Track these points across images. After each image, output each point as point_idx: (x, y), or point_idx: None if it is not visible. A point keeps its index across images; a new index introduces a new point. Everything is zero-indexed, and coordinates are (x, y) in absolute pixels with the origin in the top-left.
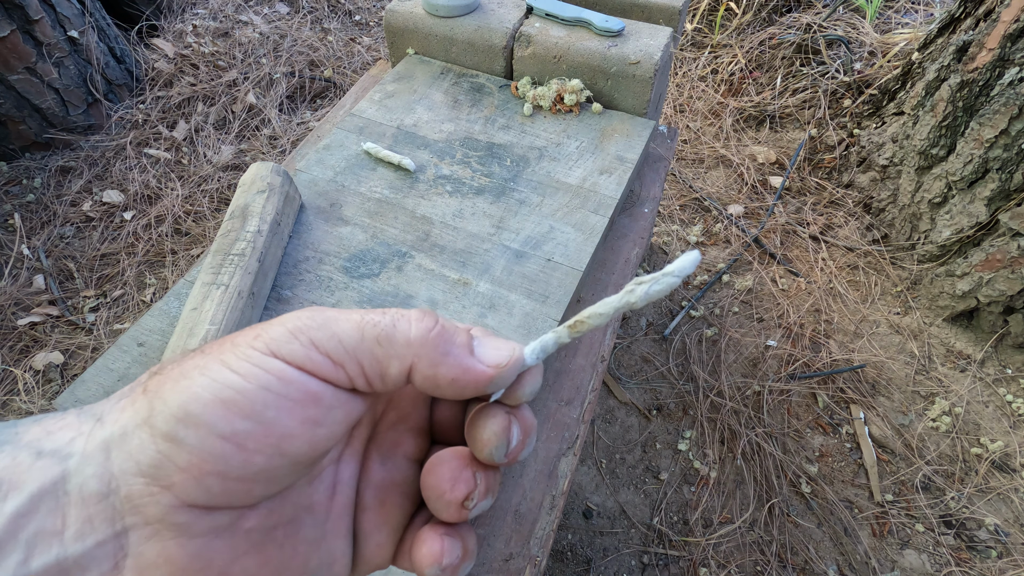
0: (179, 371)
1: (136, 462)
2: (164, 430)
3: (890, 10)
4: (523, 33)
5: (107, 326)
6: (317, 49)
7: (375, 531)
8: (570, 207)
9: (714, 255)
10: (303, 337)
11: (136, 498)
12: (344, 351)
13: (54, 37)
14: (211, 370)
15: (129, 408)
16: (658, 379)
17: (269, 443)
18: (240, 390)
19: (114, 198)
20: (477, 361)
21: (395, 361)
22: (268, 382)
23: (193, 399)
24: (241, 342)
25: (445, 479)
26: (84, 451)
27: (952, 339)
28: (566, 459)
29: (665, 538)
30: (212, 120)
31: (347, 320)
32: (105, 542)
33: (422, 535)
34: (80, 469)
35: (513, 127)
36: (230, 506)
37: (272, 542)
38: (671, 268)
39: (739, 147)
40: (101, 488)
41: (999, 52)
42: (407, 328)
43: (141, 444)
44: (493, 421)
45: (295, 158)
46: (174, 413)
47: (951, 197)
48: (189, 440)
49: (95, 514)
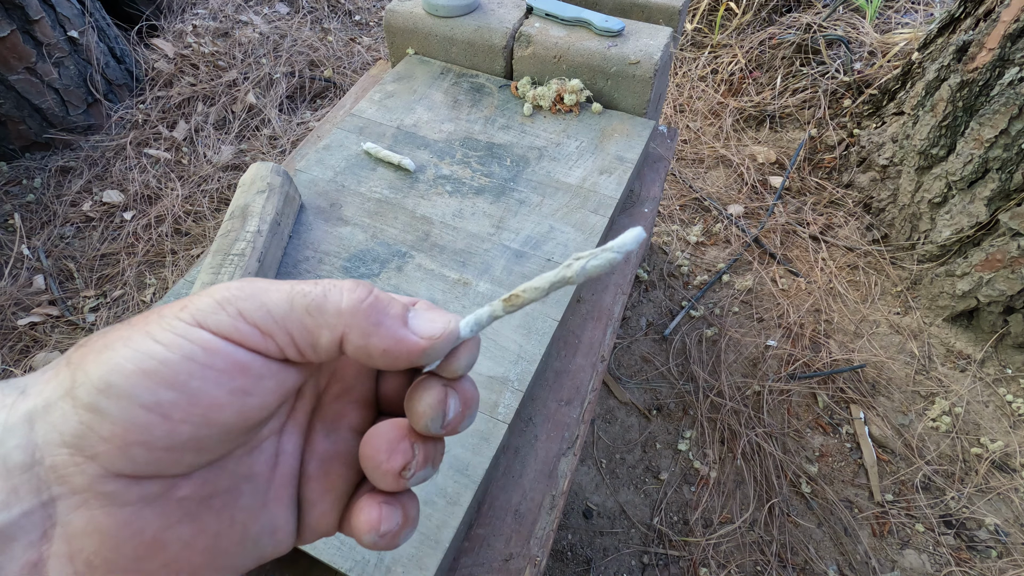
0: (103, 343)
1: (59, 432)
2: (86, 401)
3: (890, 10)
4: (523, 33)
5: (107, 326)
6: (317, 49)
7: (319, 500)
8: (570, 207)
9: (714, 255)
10: (230, 308)
11: (61, 468)
12: (273, 321)
13: (54, 37)
14: (135, 341)
15: (53, 380)
16: (658, 379)
17: (195, 413)
18: (163, 360)
19: (114, 198)
20: (410, 332)
21: (325, 331)
22: (192, 352)
23: (114, 370)
24: (167, 313)
25: (382, 450)
26: (6, 423)
27: (952, 339)
28: (566, 459)
29: (665, 538)
30: (212, 120)
31: (277, 291)
32: (31, 512)
33: (361, 503)
34: (3, 441)
35: (513, 127)
36: (160, 475)
37: (208, 510)
38: (612, 244)
39: (739, 147)
40: (25, 459)
41: (999, 52)
42: (338, 298)
43: (63, 415)
44: (429, 393)
45: (295, 158)
46: (95, 384)
47: (951, 197)
48: (111, 410)
49: (20, 484)
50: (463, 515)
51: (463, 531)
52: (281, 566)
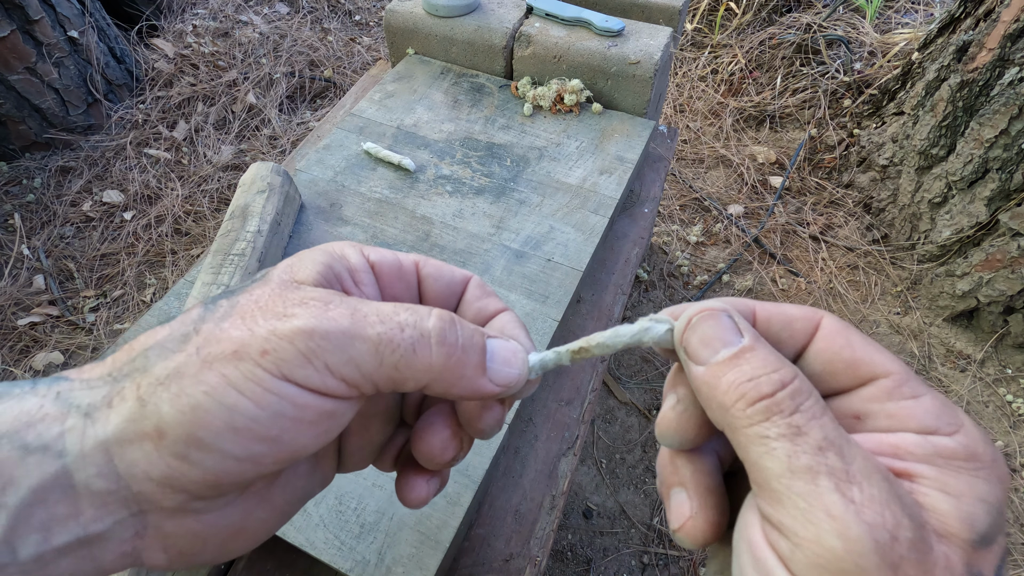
0: (166, 370)
1: (144, 471)
2: (174, 450)
3: (890, 10)
4: (523, 33)
5: (107, 326)
6: (317, 49)
7: (357, 450)
8: (570, 207)
9: (714, 255)
10: (318, 362)
11: (149, 495)
12: (361, 376)
13: (54, 37)
14: (213, 387)
15: (119, 407)
16: (658, 379)
17: (284, 457)
18: (254, 418)
19: (114, 198)
20: (487, 382)
21: (411, 383)
22: (283, 408)
23: (201, 426)
24: (244, 355)
25: (436, 447)
26: (81, 451)
27: (952, 339)
28: (566, 459)
29: (665, 538)
30: (212, 120)
31: (364, 341)
32: (124, 520)
33: (411, 483)
34: (81, 467)
35: (513, 127)
36: (241, 491)
37: (275, 488)
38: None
39: (739, 147)
40: (109, 486)
41: (999, 52)
42: (427, 354)
43: (148, 458)
44: (490, 415)
45: (295, 158)
46: (182, 437)
47: (951, 197)
48: (203, 462)
49: (109, 503)
50: (463, 515)
51: (463, 531)
52: (281, 566)
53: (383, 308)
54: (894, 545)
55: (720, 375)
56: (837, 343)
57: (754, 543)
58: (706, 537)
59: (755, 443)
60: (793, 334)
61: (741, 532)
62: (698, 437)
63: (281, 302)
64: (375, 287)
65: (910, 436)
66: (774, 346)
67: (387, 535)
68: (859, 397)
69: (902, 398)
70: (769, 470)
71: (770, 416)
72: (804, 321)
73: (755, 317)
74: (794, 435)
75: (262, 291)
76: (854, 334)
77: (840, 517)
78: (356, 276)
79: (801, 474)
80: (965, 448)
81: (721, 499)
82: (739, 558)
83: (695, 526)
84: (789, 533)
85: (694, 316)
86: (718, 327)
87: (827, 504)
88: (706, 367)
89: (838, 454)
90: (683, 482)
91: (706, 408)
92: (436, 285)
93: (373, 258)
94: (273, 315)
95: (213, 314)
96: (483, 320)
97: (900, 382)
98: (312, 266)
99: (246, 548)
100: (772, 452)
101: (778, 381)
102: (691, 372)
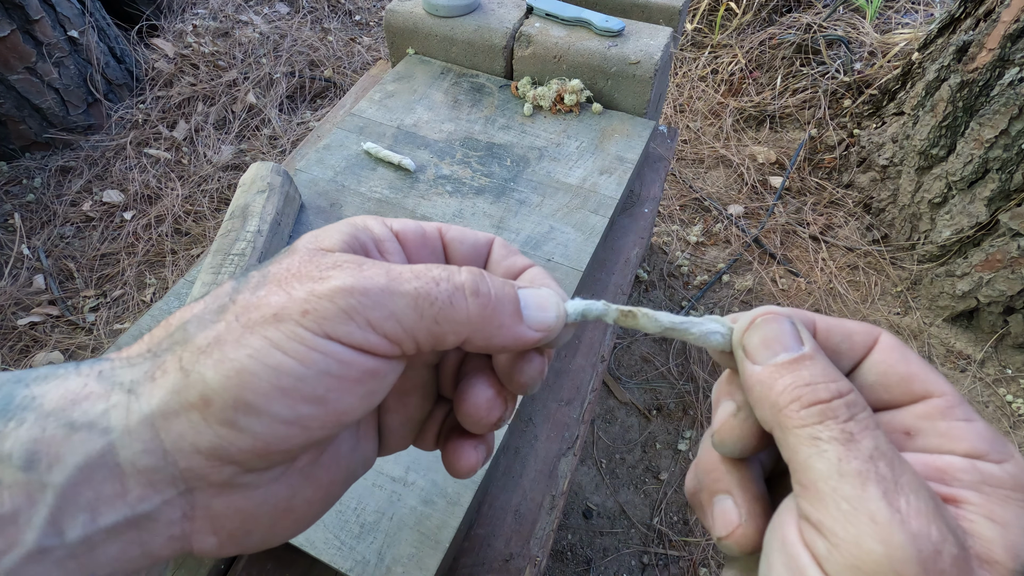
0: (214, 344)
1: (191, 443)
2: (222, 417)
3: (890, 10)
4: (523, 33)
5: (107, 326)
6: (317, 49)
7: (398, 427)
8: (570, 207)
9: (714, 255)
10: (359, 318)
11: (197, 470)
12: (402, 330)
13: (54, 37)
14: (257, 349)
15: (162, 380)
16: (658, 379)
17: (331, 420)
18: (300, 377)
19: (114, 198)
20: (526, 328)
21: (451, 336)
22: (328, 366)
23: (248, 388)
24: (285, 317)
25: (482, 408)
26: (126, 426)
27: (952, 339)
28: (566, 459)
29: (665, 538)
30: (212, 120)
31: (402, 296)
32: (171, 500)
33: (460, 451)
34: (127, 444)
35: (513, 127)
36: (288, 462)
37: (320, 467)
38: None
39: (739, 147)
40: (156, 463)
41: (999, 52)
42: (464, 305)
43: (195, 428)
44: (531, 366)
45: (295, 158)
46: (229, 403)
47: (951, 197)
48: (251, 427)
49: (156, 481)
50: (463, 515)
51: (463, 531)
52: (281, 566)
53: (415, 266)
54: (937, 559)
55: (777, 376)
56: (894, 357)
57: (789, 542)
58: (754, 545)
59: (805, 443)
60: (852, 346)
61: (775, 532)
62: (759, 444)
63: (315, 267)
64: (401, 255)
65: (958, 460)
66: (832, 356)
67: (387, 535)
68: (911, 413)
69: (954, 419)
70: (818, 471)
71: (824, 420)
72: (863, 335)
73: (815, 328)
74: (847, 440)
75: (291, 260)
76: (911, 352)
77: (885, 523)
78: (381, 246)
79: (850, 478)
80: (1013, 478)
81: (767, 506)
82: (769, 557)
83: (745, 534)
84: (828, 533)
85: (758, 317)
86: (780, 331)
87: (873, 509)
88: (763, 367)
89: (888, 465)
90: (730, 489)
91: (756, 407)
92: (462, 248)
93: (396, 227)
94: (309, 279)
95: (247, 284)
96: (512, 276)
97: (953, 404)
98: (337, 235)
99: (294, 531)
100: (823, 454)
101: (835, 390)
102: (746, 371)
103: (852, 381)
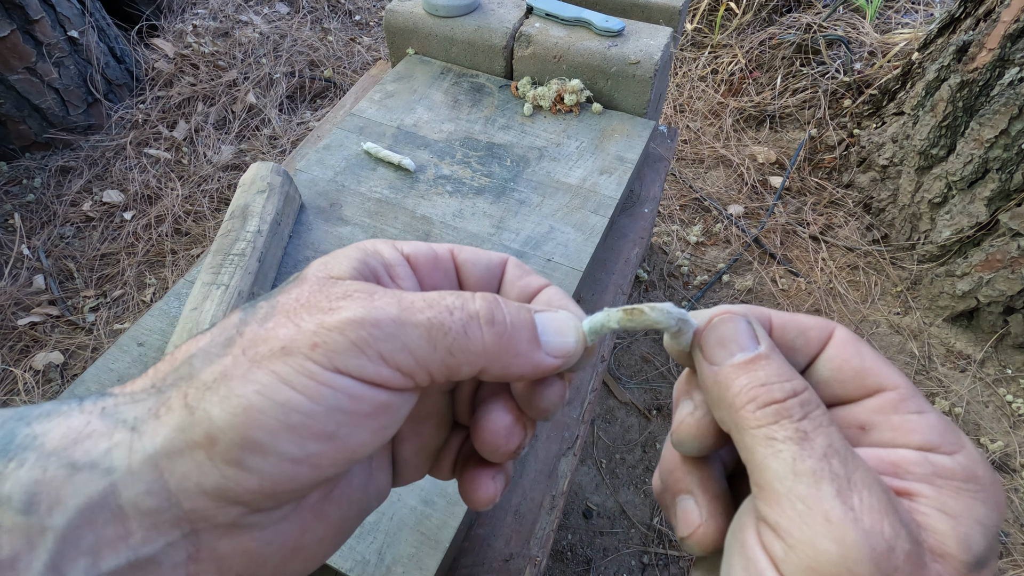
0: (213, 374)
1: (196, 483)
2: (228, 457)
3: (890, 10)
4: (523, 33)
5: (107, 326)
6: (317, 49)
7: (413, 457)
8: (570, 207)
9: (714, 255)
10: (370, 351)
11: (202, 511)
12: (415, 363)
13: (54, 37)
14: (266, 387)
15: (166, 417)
16: (658, 379)
17: (342, 457)
18: (309, 413)
19: (114, 198)
20: (544, 355)
21: (466, 367)
22: (338, 402)
23: (255, 426)
24: (294, 350)
25: (501, 435)
26: (129, 466)
27: (952, 339)
28: (566, 459)
29: (665, 538)
30: (212, 120)
31: (415, 327)
32: (175, 542)
33: (477, 482)
34: (130, 484)
35: (513, 127)
36: (297, 500)
37: (331, 503)
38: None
39: (739, 147)
40: (159, 504)
41: (999, 52)
42: (479, 335)
43: (200, 469)
44: (551, 391)
45: (295, 158)
46: (236, 441)
47: (951, 197)
48: (258, 467)
49: (160, 523)
50: (463, 515)
51: (463, 531)
52: None
53: (427, 295)
54: (890, 556)
55: (733, 377)
56: (847, 351)
57: (747, 544)
58: (716, 544)
59: (762, 444)
60: (807, 342)
61: (735, 535)
62: (717, 442)
63: (324, 297)
64: (413, 279)
65: (911, 454)
66: (787, 353)
67: (387, 535)
68: (864, 408)
69: (907, 412)
70: (773, 471)
71: (779, 419)
72: (818, 330)
73: (771, 325)
74: (801, 439)
75: (300, 290)
76: (865, 346)
77: (838, 522)
78: (392, 271)
79: (804, 477)
80: (965, 469)
81: (728, 505)
82: (729, 559)
83: (705, 534)
84: (785, 534)
85: (714, 317)
86: (736, 331)
87: (827, 508)
88: (720, 367)
89: (842, 462)
90: (691, 489)
91: (713, 408)
92: (475, 270)
93: (407, 251)
94: (318, 310)
95: (254, 316)
96: (527, 298)
97: (905, 396)
98: (347, 262)
99: (304, 570)
100: (778, 454)
101: (790, 389)
102: (703, 371)
103: (808, 377)
